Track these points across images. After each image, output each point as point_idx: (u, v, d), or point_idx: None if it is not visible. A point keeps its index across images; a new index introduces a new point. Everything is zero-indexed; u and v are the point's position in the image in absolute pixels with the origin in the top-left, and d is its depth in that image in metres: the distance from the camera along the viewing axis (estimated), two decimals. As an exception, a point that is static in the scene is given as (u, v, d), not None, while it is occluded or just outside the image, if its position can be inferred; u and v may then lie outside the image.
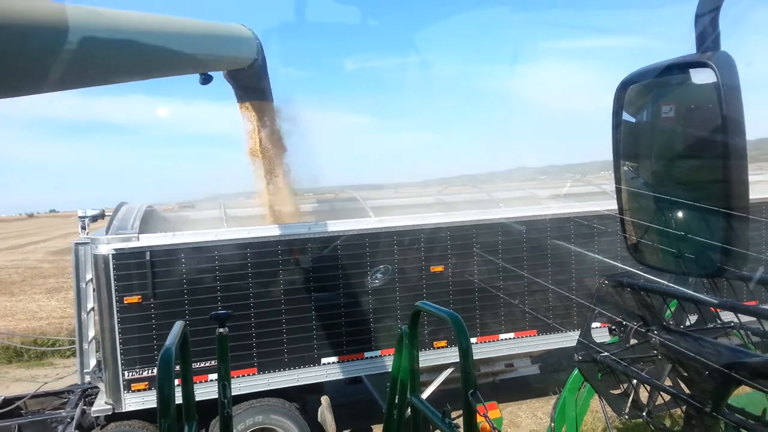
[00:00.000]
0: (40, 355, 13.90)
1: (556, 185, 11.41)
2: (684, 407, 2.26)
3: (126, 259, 6.79)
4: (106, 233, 6.98)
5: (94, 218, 7.75)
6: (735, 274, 1.45)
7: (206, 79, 4.37)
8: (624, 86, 1.69)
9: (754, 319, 2.70)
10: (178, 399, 2.17)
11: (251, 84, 5.72)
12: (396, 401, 3.41)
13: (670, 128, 1.61)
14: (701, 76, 1.41)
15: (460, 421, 2.71)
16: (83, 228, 7.63)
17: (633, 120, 1.72)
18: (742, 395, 2.96)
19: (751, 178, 1.39)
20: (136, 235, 6.90)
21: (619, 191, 1.77)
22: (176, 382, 2.12)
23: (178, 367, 2.28)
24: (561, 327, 8.32)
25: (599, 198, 9.22)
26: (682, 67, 1.51)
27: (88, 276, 7.55)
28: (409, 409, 3.37)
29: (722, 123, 1.34)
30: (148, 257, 6.81)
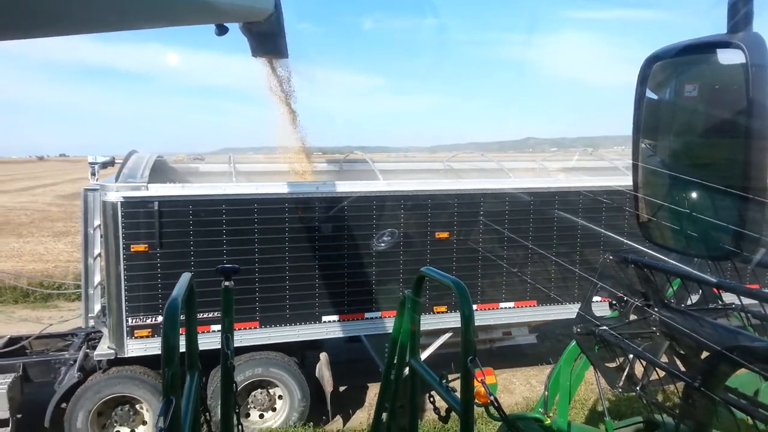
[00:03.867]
0: (46, 297, 14.12)
1: (567, 157, 11.34)
2: (678, 384, 2.29)
3: (134, 208, 6.84)
4: (116, 181, 7.00)
5: (104, 165, 7.77)
6: (743, 258, 1.45)
7: (222, 30, 4.27)
8: (650, 62, 1.66)
9: (756, 301, 2.71)
10: (182, 349, 2.21)
11: (267, 38, 5.62)
12: (395, 363, 3.47)
13: (692, 108, 1.59)
14: (729, 57, 1.38)
15: (455, 385, 2.76)
16: (93, 174, 7.66)
17: (656, 97, 1.70)
18: (737, 376, 3.00)
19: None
20: (146, 184, 6.92)
21: (635, 167, 1.76)
22: (180, 332, 2.15)
23: (182, 318, 2.31)
24: (561, 299, 8.38)
25: (610, 173, 9.16)
26: (710, 46, 1.48)
27: (96, 222, 7.62)
28: (406, 371, 3.43)
29: (747, 106, 1.32)
30: (156, 207, 6.85)
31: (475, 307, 7.90)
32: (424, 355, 7.85)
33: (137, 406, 7.41)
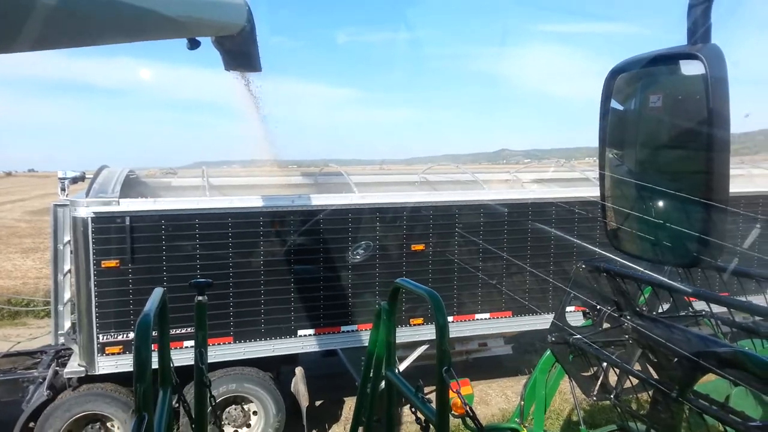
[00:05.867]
0: (14, 314, 13.77)
1: (540, 169, 11.51)
2: (651, 391, 2.32)
3: (105, 223, 6.72)
4: (86, 196, 6.88)
5: (74, 180, 7.62)
6: (710, 265, 1.48)
7: (193, 44, 4.23)
8: (613, 74, 1.70)
9: (725, 309, 2.76)
10: (155, 365, 2.18)
11: (240, 52, 5.59)
12: (371, 375, 3.45)
13: (656, 118, 1.62)
14: (690, 68, 1.42)
15: (432, 396, 2.75)
16: (63, 189, 7.50)
17: (621, 108, 1.73)
18: (708, 382, 3.05)
19: (731, 172, 1.41)
20: (117, 199, 6.81)
21: (602, 178, 1.79)
22: (153, 348, 2.12)
23: (155, 334, 2.28)
24: (536, 309, 8.45)
25: (582, 184, 9.30)
26: (671, 57, 1.52)
27: (66, 238, 7.47)
28: (382, 384, 3.41)
29: (708, 116, 1.35)
30: (127, 222, 6.74)
31: (451, 318, 7.96)
32: (401, 368, 7.80)
33: (108, 424, 7.24)
